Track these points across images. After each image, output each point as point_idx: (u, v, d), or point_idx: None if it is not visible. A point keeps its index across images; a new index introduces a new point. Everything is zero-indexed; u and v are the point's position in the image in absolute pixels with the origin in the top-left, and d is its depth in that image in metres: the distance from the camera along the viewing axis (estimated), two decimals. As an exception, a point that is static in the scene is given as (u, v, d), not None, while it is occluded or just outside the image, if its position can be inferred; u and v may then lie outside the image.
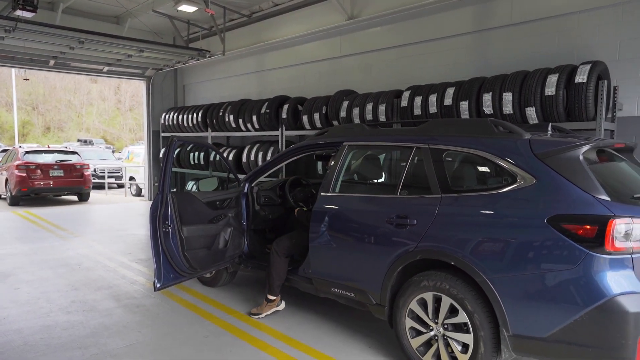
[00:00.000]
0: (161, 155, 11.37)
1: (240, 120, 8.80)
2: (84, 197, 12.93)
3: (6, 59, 10.12)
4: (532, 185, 2.86)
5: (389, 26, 7.45)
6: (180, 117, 10.74)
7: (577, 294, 2.59)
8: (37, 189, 11.79)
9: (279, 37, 9.17)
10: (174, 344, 3.74)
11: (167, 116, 11.39)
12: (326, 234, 3.83)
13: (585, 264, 2.57)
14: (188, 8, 9.05)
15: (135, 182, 15.10)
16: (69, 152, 13.41)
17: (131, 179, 15.53)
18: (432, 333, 3.20)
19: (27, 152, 12.37)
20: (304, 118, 7.55)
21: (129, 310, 4.47)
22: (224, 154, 9.09)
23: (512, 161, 2.98)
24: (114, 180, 17.33)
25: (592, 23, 5.34)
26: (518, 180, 2.92)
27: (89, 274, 5.66)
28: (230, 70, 10.95)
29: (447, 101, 5.65)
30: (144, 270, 5.84)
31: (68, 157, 12.82)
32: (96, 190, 15.03)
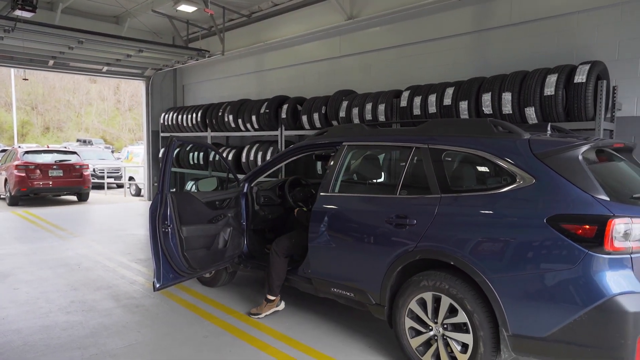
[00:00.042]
0: (160, 155, 11.37)
1: (240, 120, 8.80)
2: (83, 197, 12.93)
3: (5, 59, 10.11)
4: (531, 185, 2.86)
5: (388, 26, 7.45)
6: (180, 117, 10.74)
7: (576, 293, 2.59)
8: (36, 189, 11.79)
9: (278, 37, 9.17)
10: (173, 344, 3.74)
11: (167, 116, 11.39)
12: (326, 234, 3.83)
13: (585, 263, 2.58)
14: (187, 8, 9.04)
15: (135, 182, 15.10)
16: (68, 152, 13.40)
17: (130, 179, 15.52)
18: (431, 333, 3.20)
19: (26, 152, 12.37)
20: (304, 118, 7.55)
21: (129, 310, 4.47)
22: (224, 154, 9.10)
23: (512, 161, 2.98)
24: (113, 180, 17.34)
25: (592, 23, 5.35)
26: (517, 180, 2.93)
27: (89, 274, 5.66)
28: (229, 70, 10.95)
29: (447, 101, 5.66)
30: (143, 270, 5.84)
31: (67, 157, 12.81)
32: (95, 190, 15.03)
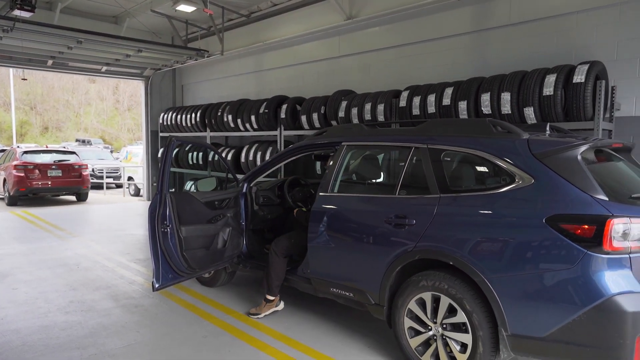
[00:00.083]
0: (160, 155, 11.37)
1: (239, 120, 8.80)
2: (82, 197, 12.92)
3: (4, 59, 10.10)
4: (530, 185, 2.87)
5: (387, 26, 7.45)
6: (179, 117, 10.73)
7: (575, 293, 2.60)
8: (35, 189, 11.77)
9: (277, 37, 9.17)
10: (172, 344, 3.74)
11: (166, 116, 11.38)
12: (325, 234, 3.83)
13: (584, 263, 2.58)
14: (186, 8, 9.04)
15: (134, 182, 15.08)
16: (67, 152, 13.38)
17: (129, 179, 15.50)
18: (430, 333, 3.20)
19: (25, 152, 12.36)
20: (303, 118, 7.55)
21: (128, 310, 4.47)
22: (223, 154, 9.09)
23: (511, 161, 2.98)
24: (112, 180, 17.32)
25: (591, 23, 5.35)
26: (516, 180, 2.93)
27: (88, 274, 5.66)
28: (228, 70, 10.95)
29: (446, 101, 5.66)
30: (142, 270, 5.84)
31: (66, 157, 12.79)
32: (94, 190, 15.02)
